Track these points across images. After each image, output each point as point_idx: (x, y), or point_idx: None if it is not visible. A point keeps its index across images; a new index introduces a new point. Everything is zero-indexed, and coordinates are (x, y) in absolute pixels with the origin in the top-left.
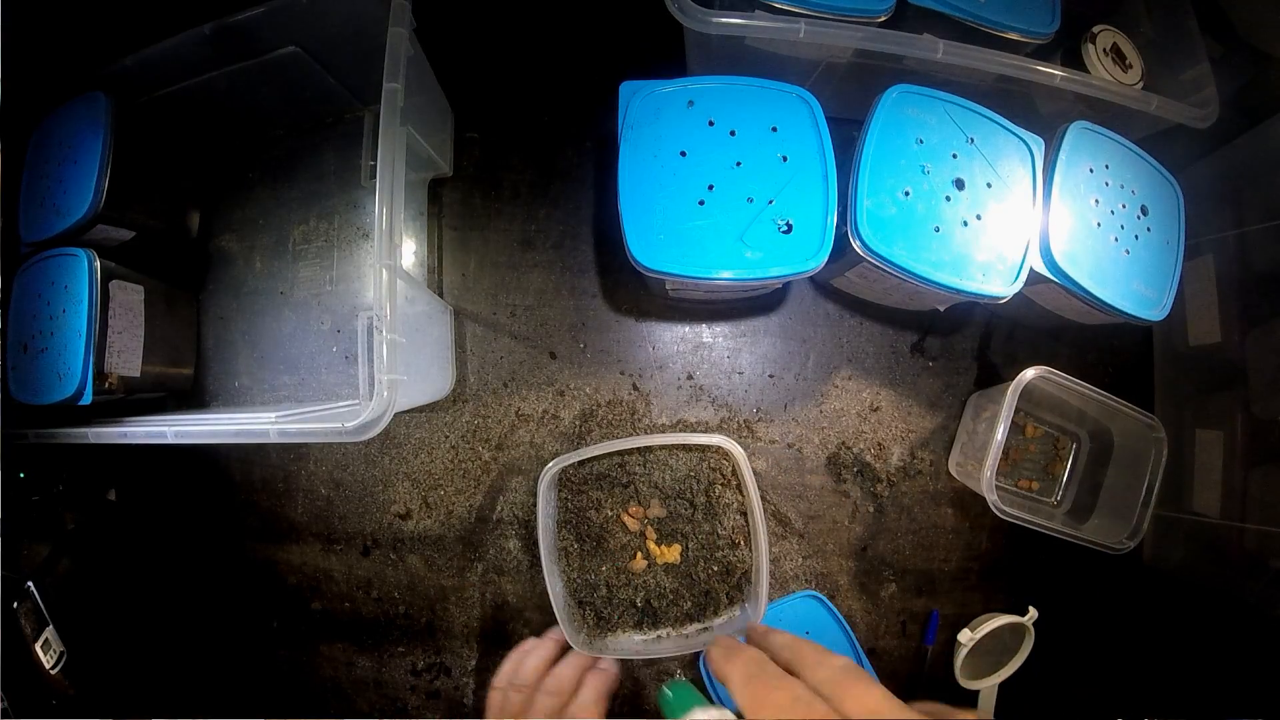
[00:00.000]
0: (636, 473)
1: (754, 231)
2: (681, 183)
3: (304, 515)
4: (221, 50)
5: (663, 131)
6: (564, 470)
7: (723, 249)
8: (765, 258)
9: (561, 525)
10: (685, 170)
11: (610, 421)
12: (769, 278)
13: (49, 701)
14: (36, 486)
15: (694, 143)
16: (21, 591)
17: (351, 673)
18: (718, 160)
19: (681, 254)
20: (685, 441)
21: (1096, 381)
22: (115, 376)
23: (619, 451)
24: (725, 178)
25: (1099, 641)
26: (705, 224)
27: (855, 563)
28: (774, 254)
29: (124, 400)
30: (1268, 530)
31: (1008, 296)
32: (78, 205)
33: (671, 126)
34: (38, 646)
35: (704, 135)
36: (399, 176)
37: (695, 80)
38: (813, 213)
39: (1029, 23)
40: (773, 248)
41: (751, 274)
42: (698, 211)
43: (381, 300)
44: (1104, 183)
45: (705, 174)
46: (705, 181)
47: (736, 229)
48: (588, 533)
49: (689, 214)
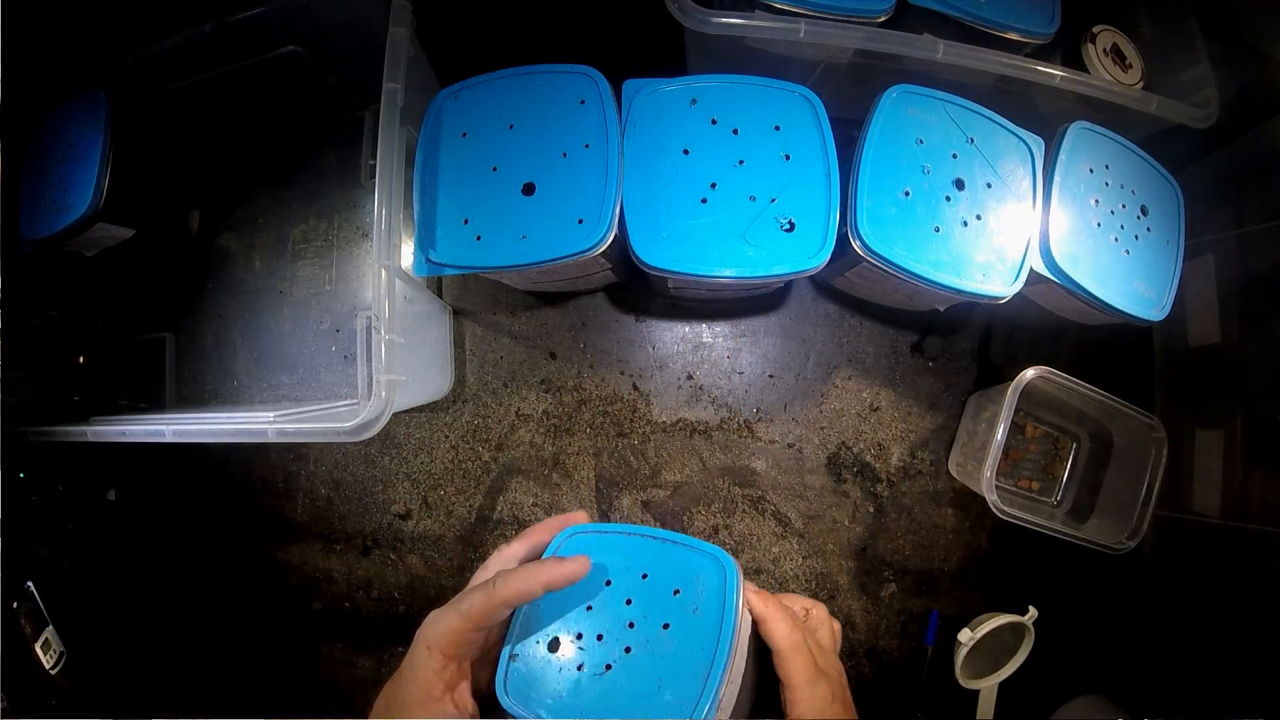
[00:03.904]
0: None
1: (756, 230)
2: (684, 181)
3: (304, 515)
4: (222, 49)
5: (665, 130)
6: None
7: (725, 247)
8: (767, 256)
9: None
10: (688, 168)
11: (610, 422)
12: (771, 276)
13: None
14: (36, 486)
15: (696, 141)
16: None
17: (351, 673)
18: (720, 158)
19: (684, 252)
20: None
21: (1096, 381)
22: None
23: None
24: (728, 176)
25: (1099, 641)
26: (707, 222)
27: (855, 563)
28: (776, 252)
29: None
30: (1268, 530)
31: (1008, 296)
32: (78, 203)
33: (674, 125)
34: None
35: (707, 133)
36: (399, 176)
37: (698, 79)
38: (815, 211)
39: (1029, 23)
40: (775, 246)
41: (753, 272)
42: (700, 209)
43: (380, 300)
44: (1104, 183)
45: (708, 172)
46: (708, 180)
47: (739, 227)
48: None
49: (691, 212)
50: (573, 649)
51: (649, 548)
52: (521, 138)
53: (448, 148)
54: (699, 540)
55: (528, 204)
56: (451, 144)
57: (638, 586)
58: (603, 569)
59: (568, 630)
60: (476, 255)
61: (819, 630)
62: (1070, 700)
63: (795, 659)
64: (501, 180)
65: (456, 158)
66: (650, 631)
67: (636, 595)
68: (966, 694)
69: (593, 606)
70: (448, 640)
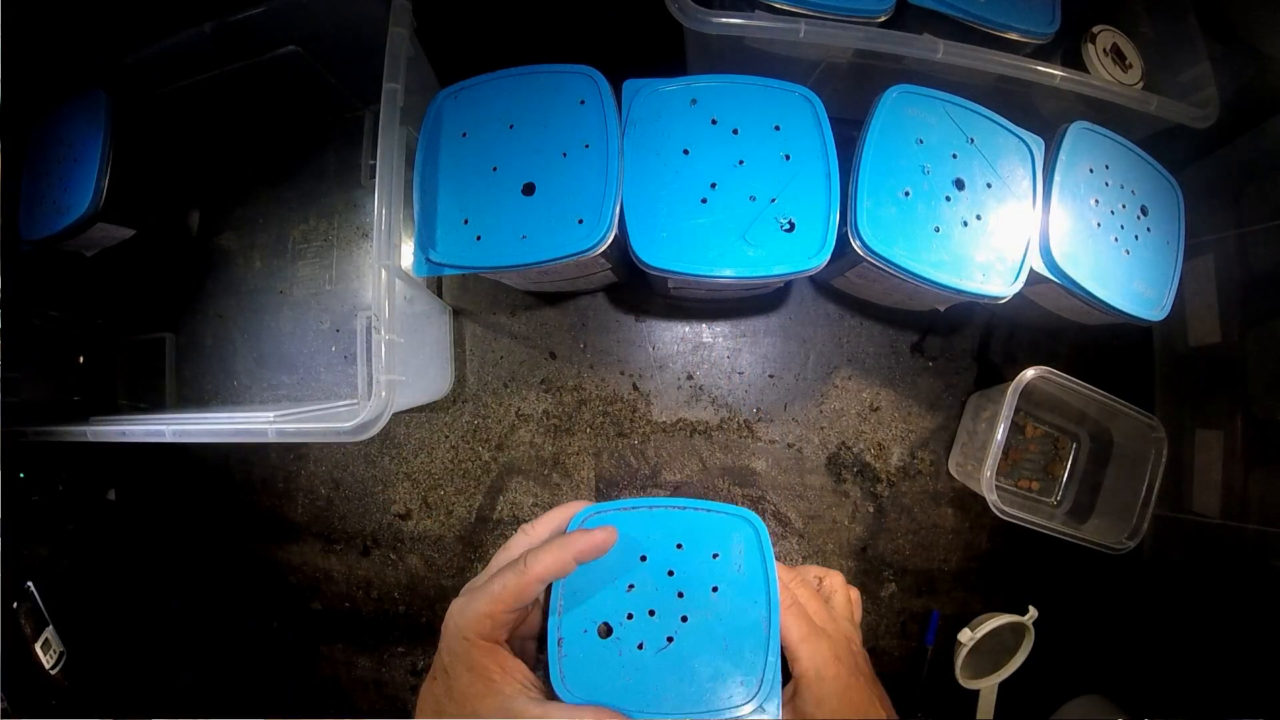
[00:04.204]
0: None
1: (756, 230)
2: (684, 181)
3: (304, 515)
4: (222, 49)
5: (665, 130)
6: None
7: (725, 247)
8: (767, 256)
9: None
10: (688, 168)
11: (610, 422)
12: (771, 276)
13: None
14: (36, 486)
15: (696, 141)
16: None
17: (351, 673)
18: (720, 158)
19: (684, 252)
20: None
21: (1096, 381)
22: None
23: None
24: (728, 176)
25: (1099, 641)
26: (708, 222)
27: (855, 563)
28: (776, 252)
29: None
30: (1268, 530)
31: (1008, 296)
32: (78, 203)
33: (674, 125)
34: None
35: (707, 133)
36: (399, 176)
37: (698, 79)
38: (815, 211)
39: (1029, 23)
40: (775, 246)
41: (754, 272)
42: (700, 209)
43: (380, 300)
44: (1104, 183)
45: (708, 172)
46: (708, 180)
47: (739, 227)
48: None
49: (691, 212)
50: (627, 630)
51: (676, 518)
52: (521, 138)
53: (448, 148)
54: (721, 504)
55: (528, 204)
56: (451, 144)
57: (676, 557)
58: (634, 546)
59: (616, 613)
60: (476, 255)
61: (833, 597)
62: (1070, 700)
63: (786, 619)
64: (501, 180)
65: (456, 158)
66: (701, 597)
67: (677, 566)
68: (966, 694)
69: (634, 585)
70: (484, 625)
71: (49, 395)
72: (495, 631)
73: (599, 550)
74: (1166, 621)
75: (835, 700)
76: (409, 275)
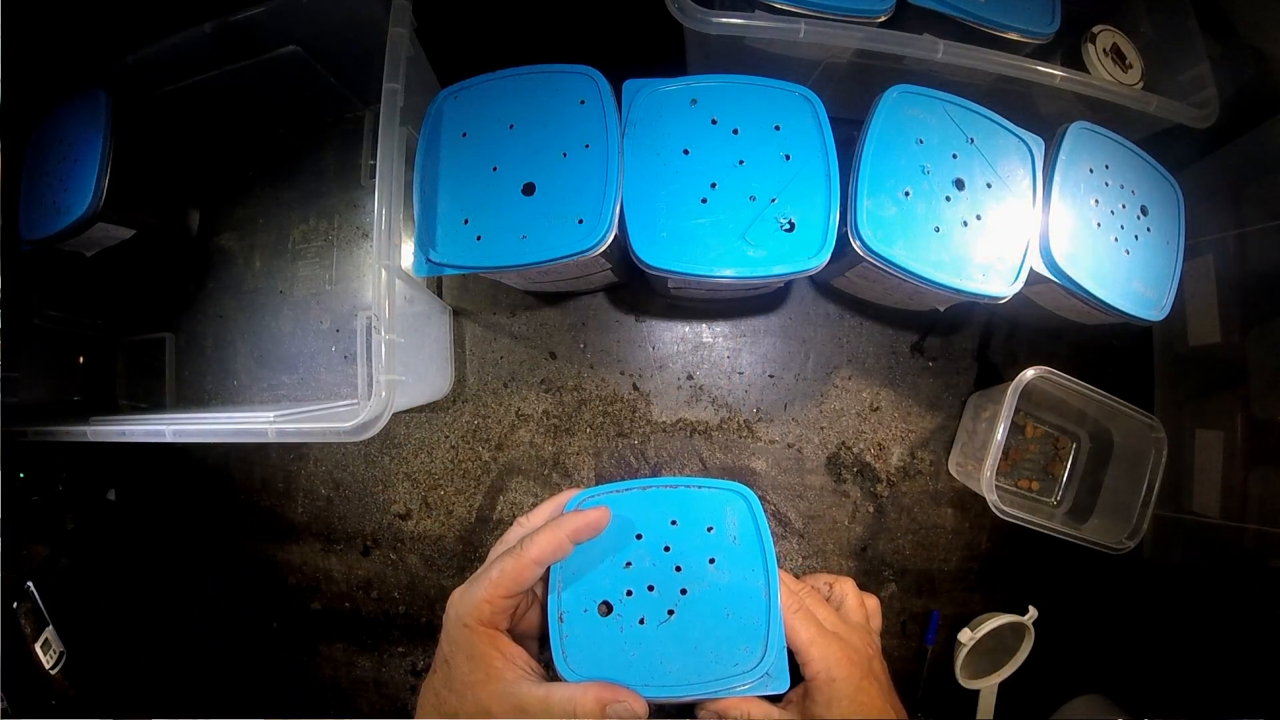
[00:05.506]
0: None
1: (756, 230)
2: (684, 181)
3: (304, 515)
4: (222, 49)
5: (665, 129)
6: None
7: (725, 247)
8: (767, 256)
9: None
10: (688, 168)
11: (610, 422)
12: (771, 276)
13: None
14: (36, 486)
15: (696, 141)
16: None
17: (351, 673)
18: (720, 158)
19: (684, 252)
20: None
21: (1096, 381)
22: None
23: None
24: (728, 176)
25: (1099, 641)
26: (707, 222)
27: (855, 563)
28: (776, 252)
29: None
30: (1268, 530)
31: (1008, 296)
32: (78, 203)
33: (674, 124)
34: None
35: (707, 133)
36: (399, 176)
37: (698, 79)
38: (815, 211)
39: (1029, 23)
40: (775, 246)
41: (754, 272)
42: (700, 209)
43: (380, 300)
44: (1104, 183)
45: (708, 172)
46: (708, 180)
47: (739, 227)
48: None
49: (691, 212)
50: (627, 606)
51: (668, 497)
52: (521, 138)
53: (448, 148)
54: (712, 479)
55: (528, 204)
56: (451, 144)
57: (671, 533)
58: (629, 525)
59: (614, 591)
60: (476, 255)
61: (844, 602)
62: (1070, 700)
63: (793, 623)
64: (501, 180)
65: (456, 158)
66: (699, 569)
67: (672, 541)
68: (966, 694)
69: (631, 563)
70: (484, 611)
71: (49, 395)
72: (495, 617)
73: (594, 529)
74: (1166, 621)
75: (847, 702)
76: (409, 275)
